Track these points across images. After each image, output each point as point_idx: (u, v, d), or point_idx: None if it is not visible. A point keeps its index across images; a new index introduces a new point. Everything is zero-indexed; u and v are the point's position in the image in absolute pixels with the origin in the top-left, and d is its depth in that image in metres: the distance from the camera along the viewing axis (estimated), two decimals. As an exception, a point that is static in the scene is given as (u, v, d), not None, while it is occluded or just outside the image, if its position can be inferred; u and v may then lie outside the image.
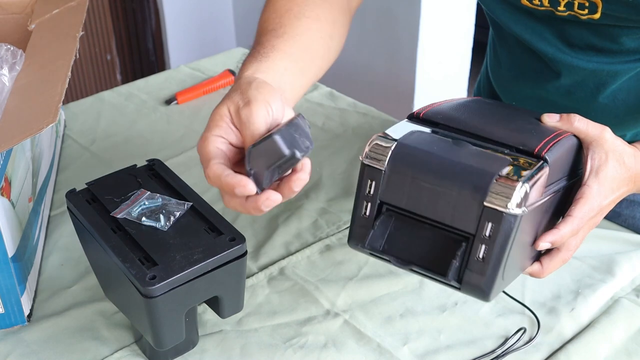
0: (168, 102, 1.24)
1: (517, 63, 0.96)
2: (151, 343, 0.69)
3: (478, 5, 2.25)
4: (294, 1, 0.81)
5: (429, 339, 0.77)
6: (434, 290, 0.84)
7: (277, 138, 0.60)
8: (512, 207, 0.61)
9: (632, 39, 0.82)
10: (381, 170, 0.66)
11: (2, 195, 0.74)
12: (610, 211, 0.99)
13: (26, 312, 0.78)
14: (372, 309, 0.81)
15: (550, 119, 0.72)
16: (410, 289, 0.84)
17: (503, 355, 0.75)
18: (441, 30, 2.22)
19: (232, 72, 1.30)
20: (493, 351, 0.76)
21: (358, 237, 0.68)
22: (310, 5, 0.81)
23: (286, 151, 0.60)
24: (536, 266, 0.72)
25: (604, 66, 0.86)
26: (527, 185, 0.61)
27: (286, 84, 0.73)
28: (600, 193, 0.69)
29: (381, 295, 0.83)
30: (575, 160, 0.71)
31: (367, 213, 0.67)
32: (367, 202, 0.67)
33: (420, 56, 2.19)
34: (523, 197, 0.61)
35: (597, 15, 0.80)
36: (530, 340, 0.77)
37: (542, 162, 0.64)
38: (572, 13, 0.82)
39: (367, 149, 0.67)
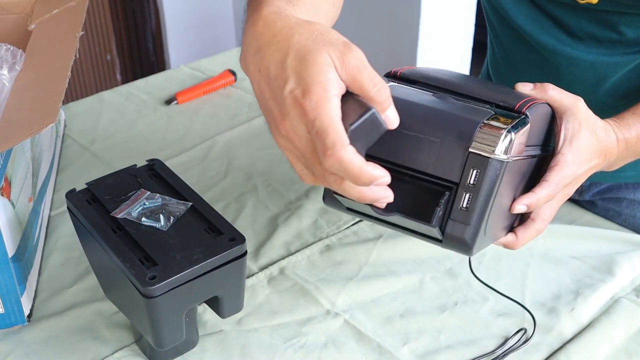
0: (168, 102, 1.24)
1: (516, 58, 0.96)
2: (151, 343, 0.69)
3: (478, 5, 2.25)
4: None
5: (429, 339, 0.77)
6: (434, 290, 0.84)
7: (375, 112, 0.55)
8: (498, 153, 0.60)
9: (632, 28, 0.82)
10: None
11: (2, 195, 0.74)
12: (610, 210, 0.99)
13: (26, 312, 0.78)
14: (372, 309, 0.81)
15: (525, 87, 0.71)
16: (410, 289, 0.84)
17: (503, 355, 0.75)
18: (441, 30, 2.23)
19: (232, 72, 1.30)
20: (493, 351, 0.76)
21: (334, 195, 0.65)
22: None
23: (384, 124, 0.56)
24: (510, 237, 0.71)
25: (604, 58, 0.86)
26: (512, 134, 0.61)
27: None
28: (574, 161, 0.69)
29: (381, 295, 0.83)
30: (548, 132, 0.71)
31: None
32: None
33: (420, 56, 2.19)
34: (508, 144, 0.61)
35: (595, 0, 0.80)
36: (527, 340, 0.77)
37: (523, 116, 0.64)
38: None
39: None
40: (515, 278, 0.85)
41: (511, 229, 0.71)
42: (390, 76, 0.70)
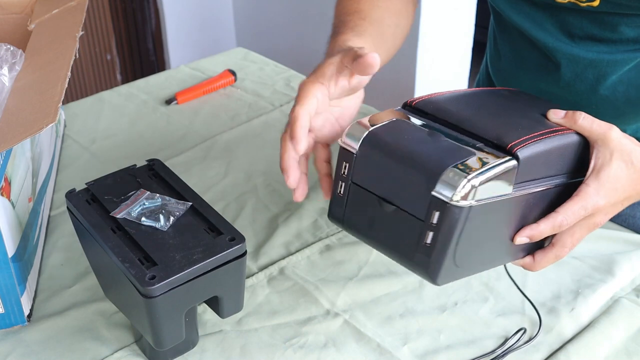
0: (168, 102, 1.24)
1: (517, 55, 0.96)
2: (151, 343, 0.69)
3: (478, 5, 2.25)
4: None
5: (429, 339, 0.77)
6: (434, 290, 0.84)
7: None
8: (457, 200, 0.62)
9: (632, 27, 0.82)
10: (353, 153, 0.69)
11: (2, 195, 0.74)
12: None
13: (26, 312, 0.78)
14: (372, 309, 0.81)
15: (556, 116, 0.72)
16: (410, 289, 0.84)
17: (503, 355, 0.75)
18: (441, 30, 2.23)
19: (232, 72, 1.30)
20: (493, 351, 0.76)
21: (334, 214, 0.74)
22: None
23: None
24: (528, 259, 0.73)
25: (604, 56, 0.86)
26: (475, 180, 0.62)
27: None
28: (598, 193, 0.69)
29: (381, 295, 0.83)
30: (581, 158, 0.71)
31: (342, 192, 0.72)
32: (342, 182, 0.71)
33: (420, 56, 2.19)
34: (469, 191, 0.62)
35: (596, 3, 0.80)
36: (531, 339, 0.77)
37: (509, 157, 0.65)
38: (572, 1, 0.82)
39: (345, 132, 0.71)
40: (515, 278, 0.85)
41: (534, 250, 0.73)
42: (407, 106, 0.74)
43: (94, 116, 1.20)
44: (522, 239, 0.69)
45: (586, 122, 0.70)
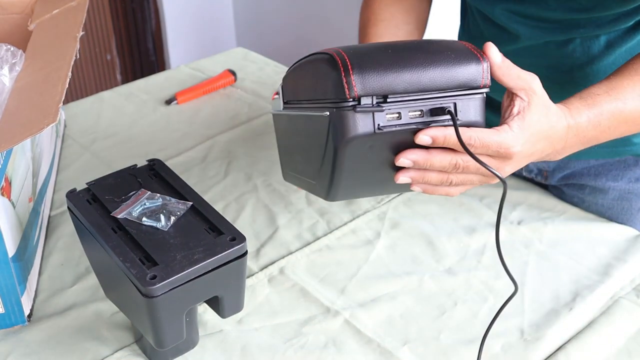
0: (168, 102, 1.24)
1: (479, 29, 1.01)
2: (152, 343, 0.69)
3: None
4: (370, 9, 0.98)
5: (429, 339, 0.77)
6: (434, 290, 0.84)
7: None
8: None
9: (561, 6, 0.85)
10: None
11: (3, 195, 0.74)
12: (575, 197, 1.01)
13: (26, 312, 0.78)
14: (372, 309, 0.81)
15: (491, 50, 0.67)
16: (410, 288, 0.84)
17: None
18: (441, 30, 2.23)
19: (232, 72, 1.30)
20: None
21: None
22: (383, 8, 0.97)
23: None
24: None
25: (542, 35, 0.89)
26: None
27: None
28: (517, 138, 0.66)
29: (381, 295, 0.83)
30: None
31: None
32: None
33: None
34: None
35: None
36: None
37: None
38: None
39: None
40: (514, 278, 0.85)
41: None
42: None
43: (94, 116, 1.21)
44: (404, 160, 0.66)
45: (514, 71, 0.68)
